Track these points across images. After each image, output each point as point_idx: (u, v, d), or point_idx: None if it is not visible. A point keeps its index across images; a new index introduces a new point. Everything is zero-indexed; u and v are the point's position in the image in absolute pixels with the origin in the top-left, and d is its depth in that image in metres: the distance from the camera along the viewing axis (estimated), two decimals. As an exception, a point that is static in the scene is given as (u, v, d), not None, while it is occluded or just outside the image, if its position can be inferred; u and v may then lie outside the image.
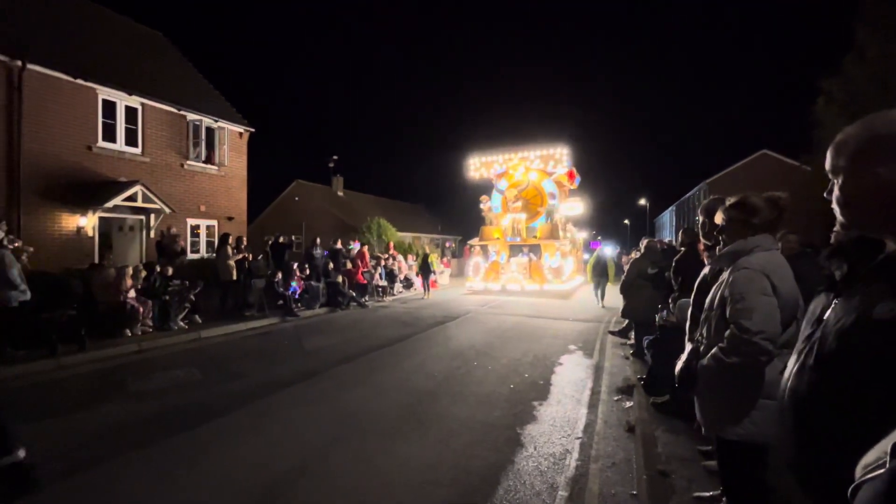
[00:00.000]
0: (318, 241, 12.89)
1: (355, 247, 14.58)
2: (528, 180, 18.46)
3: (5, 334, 6.01)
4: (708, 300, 2.08)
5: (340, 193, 29.77)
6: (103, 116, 10.46)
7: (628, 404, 4.52)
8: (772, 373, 1.76)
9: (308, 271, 11.59)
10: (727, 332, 1.83)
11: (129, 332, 7.28)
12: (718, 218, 2.11)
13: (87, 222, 9.99)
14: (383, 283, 14.69)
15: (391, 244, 18.90)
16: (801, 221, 7.18)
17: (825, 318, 0.88)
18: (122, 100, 10.79)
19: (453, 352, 6.83)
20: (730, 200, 2.06)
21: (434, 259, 15.21)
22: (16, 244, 6.68)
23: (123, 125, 10.89)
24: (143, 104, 11.20)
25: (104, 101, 10.46)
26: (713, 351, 1.89)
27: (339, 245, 13.86)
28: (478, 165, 19.22)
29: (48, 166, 9.41)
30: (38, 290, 6.56)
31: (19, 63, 8.86)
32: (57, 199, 9.55)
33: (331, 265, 12.39)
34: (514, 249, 18.06)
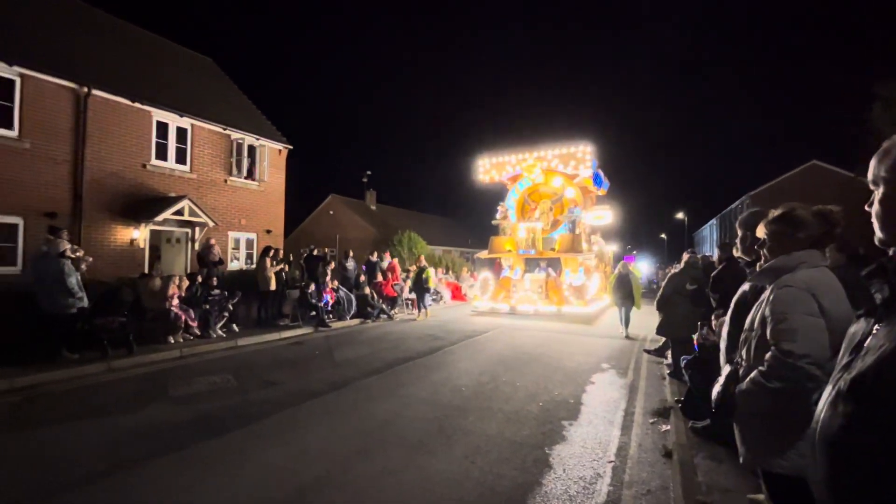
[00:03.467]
0: (351, 253, 13.19)
1: (386, 259, 14.78)
2: (546, 184, 15.90)
3: (64, 338, 6.48)
4: (748, 319, 1.95)
5: (373, 207, 30.48)
6: (157, 136, 11.26)
7: (665, 428, 4.30)
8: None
9: (339, 283, 11.85)
10: (768, 355, 1.71)
11: (172, 339, 7.66)
12: (760, 231, 1.99)
13: (140, 234, 10.68)
14: (412, 295, 14.78)
15: (421, 257, 19.07)
16: (856, 240, 6.68)
17: (865, 345, 0.81)
18: (174, 121, 11.57)
19: (482, 366, 6.75)
20: (773, 213, 1.95)
21: (430, 274, 13.16)
22: (78, 254, 7.22)
23: (174, 144, 11.66)
24: (192, 125, 11.97)
25: (158, 122, 11.26)
26: (752, 374, 1.76)
27: (374, 257, 14.15)
28: (487, 167, 16.51)
29: (107, 183, 10.18)
30: (93, 297, 7.07)
31: (85, 89, 9.71)
32: (114, 213, 10.29)
33: (362, 277, 12.63)
34: (531, 264, 15.88)
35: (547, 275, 14.77)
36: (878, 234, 0.83)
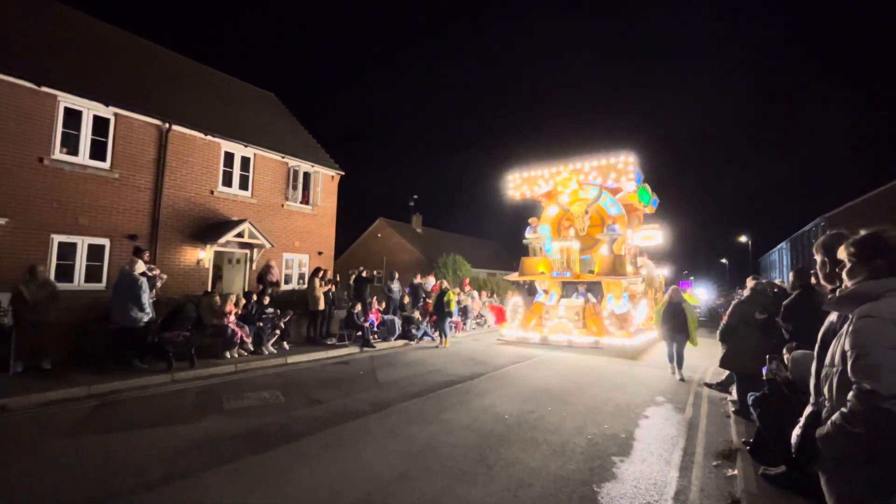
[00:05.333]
0: (396, 275, 13.43)
1: (430, 282, 14.89)
2: (596, 198, 14.29)
3: (135, 349, 7.06)
4: (829, 354, 1.76)
5: (419, 230, 31.07)
6: (224, 165, 12.27)
7: (731, 472, 3.89)
8: None
9: (385, 304, 12.06)
10: (850, 395, 1.52)
11: (228, 354, 8.10)
12: (842, 254, 1.80)
13: (205, 255, 11.54)
14: (457, 318, 14.72)
15: (466, 280, 19.03)
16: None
17: None
18: (239, 151, 12.59)
19: (526, 394, 6.52)
20: (857, 235, 1.76)
21: (453, 297, 11.83)
22: (155, 272, 7.94)
23: (239, 172, 12.65)
24: (255, 154, 12.95)
25: (226, 152, 12.30)
26: (834, 417, 1.57)
27: (419, 280, 14.31)
28: (518, 183, 15.08)
29: (180, 207, 11.17)
30: (161, 313, 7.69)
31: (167, 125, 10.85)
32: (184, 235, 11.22)
33: (406, 299, 12.77)
34: (568, 289, 14.21)
35: (586, 300, 13.11)
36: None
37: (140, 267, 7.17)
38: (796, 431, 1.78)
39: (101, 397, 5.77)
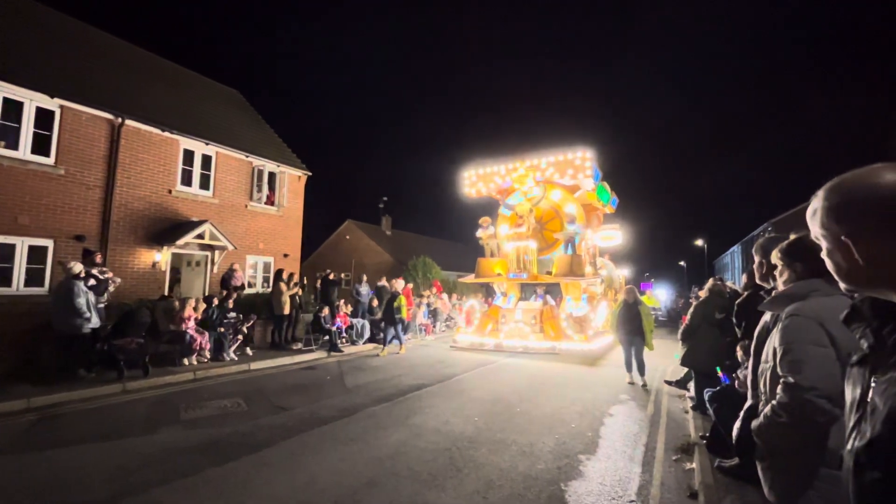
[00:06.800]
0: (365, 278, 13.24)
1: (400, 284, 14.77)
2: (541, 196, 13.61)
3: (80, 358, 6.59)
4: (764, 351, 1.87)
5: (389, 232, 30.79)
6: (183, 163, 11.71)
7: (689, 466, 4.06)
8: (838, 438, 1.50)
9: (353, 308, 11.86)
10: (778, 388, 1.63)
11: (186, 361, 7.71)
12: (774, 258, 1.93)
13: (162, 257, 10.96)
14: (426, 321, 14.69)
15: (436, 282, 19.03)
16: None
17: (869, 401, 0.75)
18: (200, 149, 12.05)
19: (495, 396, 6.56)
20: (787, 239, 1.89)
21: (403, 302, 10.74)
22: (107, 275, 7.44)
23: (199, 171, 12.11)
24: (217, 152, 12.44)
25: (185, 150, 11.74)
26: (765, 409, 1.68)
27: (383, 282, 14.15)
28: (473, 180, 14.39)
29: (134, 207, 10.56)
30: (113, 318, 7.23)
31: (120, 119, 10.24)
32: (139, 237, 10.61)
33: (374, 302, 12.62)
34: (527, 290, 13.72)
35: (544, 303, 12.47)
36: (840, 283, 0.82)
37: (76, 269, 6.65)
38: (737, 424, 1.88)
39: (42, 411, 5.34)
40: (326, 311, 10.69)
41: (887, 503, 0.68)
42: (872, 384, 0.76)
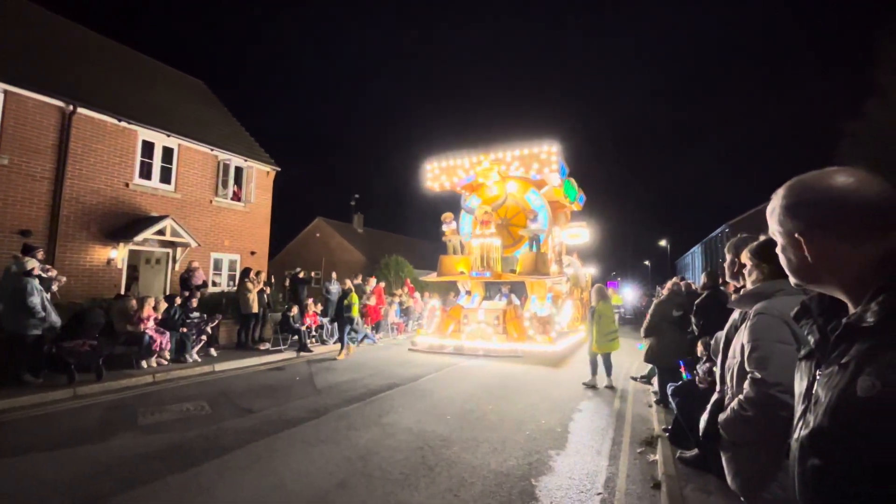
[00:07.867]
0: (335, 276, 13.01)
1: (372, 283, 14.62)
2: (506, 192, 13.13)
3: (25, 361, 6.14)
4: (731, 348, 1.97)
5: (360, 230, 30.38)
6: (142, 156, 11.13)
7: (653, 458, 4.23)
8: None
9: (323, 306, 11.64)
10: (745, 383, 1.72)
11: (145, 364, 7.34)
12: (744, 257, 2.03)
13: (118, 254, 10.38)
14: (399, 320, 14.60)
15: (408, 281, 18.95)
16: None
17: (814, 392, 0.80)
18: (160, 141, 11.49)
19: (466, 394, 6.61)
20: (757, 240, 1.99)
21: (355, 300, 10.04)
22: (50, 273, 6.95)
23: (160, 164, 11.54)
24: (179, 144, 11.89)
25: (144, 141, 11.16)
26: (733, 403, 1.77)
27: (358, 280, 13.96)
28: (436, 173, 13.56)
29: (87, 201, 9.95)
30: (63, 318, 6.77)
31: (71, 107, 9.62)
32: (92, 232, 10.02)
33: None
34: (492, 290, 13.38)
35: (509, 302, 12.08)
36: (791, 279, 0.87)
37: (30, 265, 6.22)
38: (704, 416, 1.98)
39: (-17, 419, 4.95)
40: (295, 310, 10.44)
41: (825, 487, 0.73)
42: (817, 377, 0.80)
